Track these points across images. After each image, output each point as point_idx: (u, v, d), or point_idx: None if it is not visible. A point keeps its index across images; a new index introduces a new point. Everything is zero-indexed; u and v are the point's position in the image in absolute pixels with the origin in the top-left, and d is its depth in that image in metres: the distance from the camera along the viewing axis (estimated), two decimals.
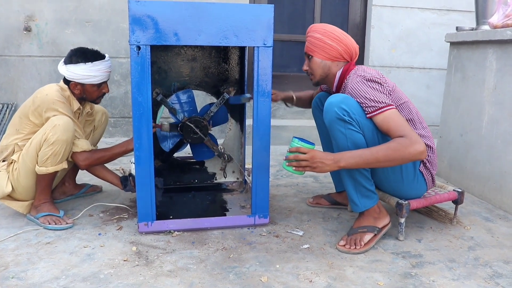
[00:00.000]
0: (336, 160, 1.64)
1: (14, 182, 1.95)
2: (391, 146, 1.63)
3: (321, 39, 1.85)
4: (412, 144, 1.61)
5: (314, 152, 1.66)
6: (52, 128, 1.86)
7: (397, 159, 1.64)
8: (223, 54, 2.33)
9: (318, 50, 1.87)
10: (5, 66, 3.66)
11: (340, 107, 1.68)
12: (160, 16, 1.69)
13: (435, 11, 4.09)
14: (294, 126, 3.79)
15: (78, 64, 1.97)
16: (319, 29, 1.87)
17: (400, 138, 1.64)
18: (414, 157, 1.63)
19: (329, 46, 1.85)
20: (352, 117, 1.69)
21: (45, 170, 1.90)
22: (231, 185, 2.49)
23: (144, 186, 1.83)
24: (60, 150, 1.89)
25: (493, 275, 1.63)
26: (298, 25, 4.20)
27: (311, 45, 1.89)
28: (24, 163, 1.92)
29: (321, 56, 1.87)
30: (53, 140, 1.86)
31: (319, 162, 1.64)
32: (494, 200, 2.36)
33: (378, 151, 1.64)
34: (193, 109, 2.30)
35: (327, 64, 1.88)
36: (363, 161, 1.65)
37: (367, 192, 1.82)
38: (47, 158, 1.88)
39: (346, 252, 1.77)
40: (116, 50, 3.77)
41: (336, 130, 1.72)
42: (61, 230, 1.93)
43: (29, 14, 3.61)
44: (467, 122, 2.57)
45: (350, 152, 1.67)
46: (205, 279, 1.56)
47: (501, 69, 2.32)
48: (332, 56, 1.86)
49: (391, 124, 1.66)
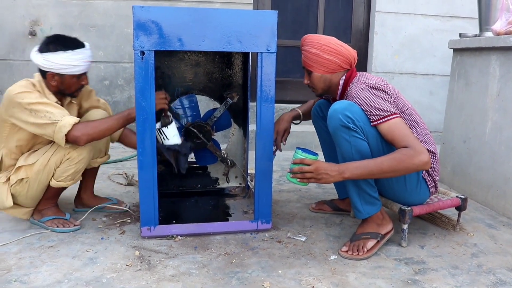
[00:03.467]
0: (341, 171, 1.64)
1: (20, 195, 1.90)
2: (396, 157, 1.63)
3: (318, 54, 1.82)
4: (416, 155, 1.61)
5: (318, 163, 1.66)
6: (77, 148, 1.84)
7: (401, 170, 1.64)
8: (227, 60, 2.34)
9: (316, 65, 1.84)
10: (10, 71, 3.68)
11: (344, 114, 1.68)
12: (164, 21, 1.70)
13: (438, 17, 4.10)
14: (297, 132, 3.79)
15: (57, 52, 1.78)
16: (314, 42, 1.83)
17: (405, 148, 1.63)
18: (418, 167, 1.64)
19: (327, 61, 1.82)
20: (357, 124, 1.69)
21: (63, 185, 1.90)
22: (234, 190, 2.49)
23: (147, 191, 1.84)
24: (82, 168, 1.90)
25: (497, 282, 1.62)
26: (301, 31, 4.21)
27: (308, 60, 1.86)
28: (39, 178, 1.87)
29: (321, 71, 1.85)
30: (78, 159, 1.85)
31: (323, 174, 1.64)
32: (498, 206, 2.35)
33: (383, 162, 1.64)
34: (196, 114, 2.31)
35: (327, 78, 1.87)
36: (368, 172, 1.64)
37: (370, 199, 1.82)
38: (68, 175, 1.88)
39: (348, 258, 1.77)
40: (120, 55, 3.79)
41: (340, 138, 1.72)
42: (69, 232, 1.92)
43: (34, 19, 3.63)
44: (470, 128, 2.57)
45: (355, 163, 1.66)
46: (207, 284, 1.55)
47: (504, 76, 2.32)
48: (331, 70, 1.85)
49: (396, 133, 1.66)
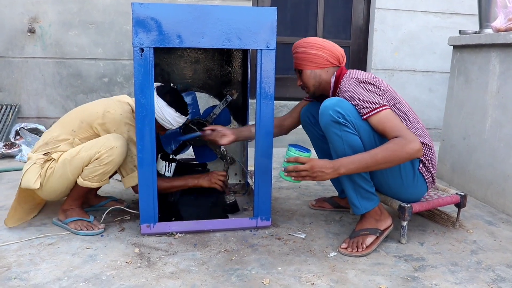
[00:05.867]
0: (336, 168, 1.65)
1: (43, 179, 1.89)
2: (389, 147, 1.64)
3: (305, 51, 1.87)
4: (408, 143, 1.62)
5: (313, 161, 1.66)
6: (109, 149, 1.83)
7: (395, 160, 1.65)
8: (226, 57, 2.33)
9: (305, 63, 1.88)
10: (9, 68, 3.68)
11: (334, 109, 1.69)
12: (163, 18, 1.69)
13: (438, 14, 4.09)
14: (296, 129, 3.78)
15: (169, 107, 1.90)
16: (301, 43, 1.90)
17: (396, 138, 1.65)
18: (411, 156, 1.64)
19: (314, 56, 1.86)
20: (347, 119, 1.69)
21: (89, 185, 1.88)
22: (234, 187, 2.49)
23: (146, 188, 1.83)
24: (111, 170, 1.88)
25: (496, 279, 1.62)
26: (301, 28, 4.21)
27: (298, 60, 1.91)
28: (63, 168, 1.86)
29: (310, 67, 1.89)
30: (108, 161, 1.84)
31: (318, 172, 1.65)
32: (497, 203, 2.35)
33: (376, 153, 1.64)
34: (196, 111, 2.31)
35: (317, 73, 1.89)
36: (363, 166, 1.65)
37: (366, 194, 1.82)
38: (96, 176, 1.86)
39: (348, 255, 1.77)
40: (119, 52, 3.78)
41: (332, 133, 1.73)
42: (92, 236, 1.90)
43: (33, 16, 3.62)
44: (470, 125, 2.57)
45: (349, 158, 1.67)
46: (207, 281, 1.56)
47: (504, 73, 2.32)
48: (320, 64, 1.87)
49: (387, 125, 1.68)
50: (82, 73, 3.76)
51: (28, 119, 3.74)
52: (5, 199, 2.31)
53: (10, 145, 3.30)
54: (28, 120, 3.73)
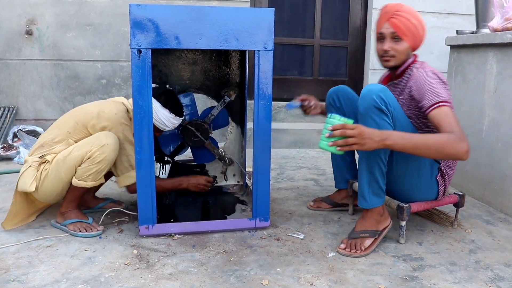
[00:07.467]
0: (383, 138, 1.57)
1: (39, 181, 1.88)
2: (443, 136, 1.61)
3: (417, 27, 1.81)
4: (460, 141, 1.60)
5: (361, 127, 1.57)
6: (100, 147, 1.82)
7: (442, 152, 1.62)
8: (224, 58, 2.34)
9: (410, 36, 1.82)
10: (6, 70, 3.67)
11: (379, 95, 1.67)
12: (161, 20, 1.69)
13: (435, 14, 4.10)
14: (294, 130, 3.79)
15: (164, 109, 1.94)
16: (415, 15, 1.82)
17: (450, 133, 1.62)
18: (458, 154, 1.61)
19: (419, 37, 1.84)
20: (389, 108, 1.68)
21: (84, 184, 1.87)
22: (232, 188, 2.49)
23: (145, 189, 1.83)
24: (105, 168, 1.87)
25: (494, 278, 1.63)
26: (298, 29, 4.21)
27: (406, 28, 1.80)
28: (57, 169, 1.86)
29: (411, 43, 1.84)
30: (100, 159, 1.83)
31: (367, 139, 1.56)
32: (495, 203, 2.36)
33: (429, 138, 1.61)
34: (194, 112, 2.31)
35: (409, 53, 1.87)
36: (412, 145, 1.60)
37: (378, 190, 1.80)
38: (89, 175, 1.85)
39: (346, 255, 1.77)
40: (117, 54, 3.78)
41: (369, 119, 1.68)
42: (90, 238, 1.89)
43: (30, 18, 3.62)
44: (467, 125, 2.57)
45: (400, 133, 1.62)
46: (205, 282, 1.55)
47: (501, 72, 2.32)
48: (416, 46, 1.87)
49: (445, 119, 1.65)
50: (80, 75, 3.76)
51: (26, 121, 3.73)
52: (3, 201, 2.31)
53: (8, 147, 3.29)
54: (26, 122, 3.73)
